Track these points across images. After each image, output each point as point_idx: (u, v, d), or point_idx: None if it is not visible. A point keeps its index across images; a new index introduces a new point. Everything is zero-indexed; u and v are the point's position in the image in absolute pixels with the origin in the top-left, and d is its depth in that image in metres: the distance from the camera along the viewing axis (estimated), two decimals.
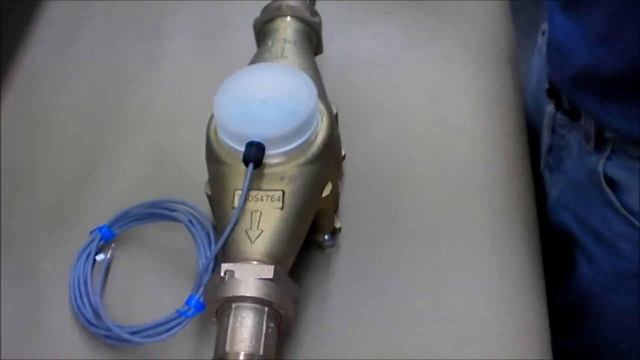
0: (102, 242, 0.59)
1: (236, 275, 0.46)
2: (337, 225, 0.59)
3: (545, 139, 0.74)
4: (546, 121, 0.73)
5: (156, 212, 0.59)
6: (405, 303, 0.57)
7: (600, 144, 0.63)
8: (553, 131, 0.72)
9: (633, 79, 0.55)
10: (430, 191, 0.63)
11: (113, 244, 0.60)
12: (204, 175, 0.54)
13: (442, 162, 0.65)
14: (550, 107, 0.71)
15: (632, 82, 0.55)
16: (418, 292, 0.57)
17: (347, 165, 0.64)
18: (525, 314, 0.57)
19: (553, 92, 0.69)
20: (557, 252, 0.73)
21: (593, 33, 0.57)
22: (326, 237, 0.59)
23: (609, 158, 0.63)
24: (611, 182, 0.65)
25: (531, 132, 0.71)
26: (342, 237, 0.60)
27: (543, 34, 0.74)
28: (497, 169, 0.65)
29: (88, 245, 0.59)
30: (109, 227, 0.59)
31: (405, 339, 0.55)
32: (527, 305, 0.58)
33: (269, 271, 0.46)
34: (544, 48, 0.69)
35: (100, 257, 0.59)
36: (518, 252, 0.60)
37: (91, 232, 0.60)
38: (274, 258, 0.48)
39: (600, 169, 0.64)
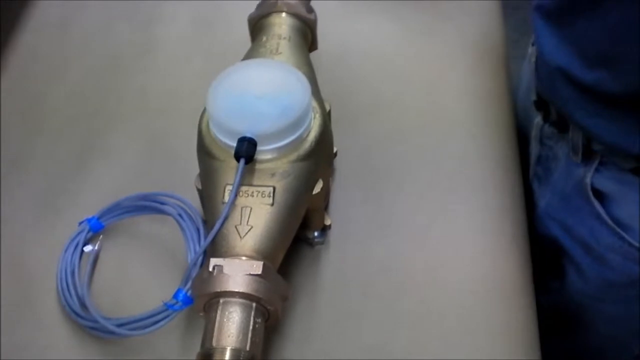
0: (90, 234, 0.59)
1: (224, 271, 0.46)
2: (327, 222, 0.59)
3: (534, 149, 0.74)
4: (534, 132, 0.73)
5: (146, 205, 0.59)
6: (394, 300, 0.57)
7: (587, 156, 0.63)
8: (541, 142, 0.72)
9: (630, 97, 0.55)
10: (422, 189, 0.64)
11: (101, 236, 0.60)
12: (196, 167, 0.54)
13: (434, 160, 0.65)
14: (538, 119, 0.71)
15: (628, 100, 0.55)
16: (407, 289, 0.58)
17: (338, 162, 0.64)
18: (514, 313, 0.57)
19: (541, 104, 0.69)
20: (546, 262, 0.74)
21: (590, 53, 0.56)
22: (316, 234, 0.59)
23: (596, 170, 0.63)
24: (599, 194, 0.65)
25: (520, 142, 0.71)
26: (332, 234, 0.60)
27: (533, 44, 0.73)
28: (489, 167, 0.66)
29: (76, 236, 0.59)
30: (98, 218, 0.59)
31: (394, 336, 0.55)
32: (516, 304, 0.58)
33: (257, 267, 0.46)
34: (533, 59, 0.69)
35: (88, 248, 0.58)
36: (508, 250, 0.61)
37: (80, 223, 0.59)
38: (263, 254, 0.48)
39: (587, 180, 0.64)
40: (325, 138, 0.53)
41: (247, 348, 0.44)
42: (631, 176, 0.61)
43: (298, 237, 0.56)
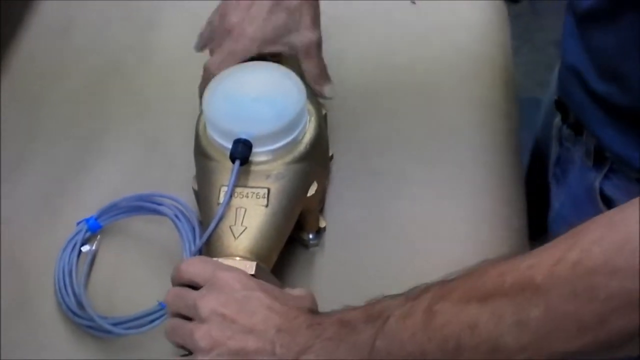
0: (88, 234, 0.60)
1: None
2: (322, 224, 0.59)
3: (554, 150, 0.74)
4: (554, 132, 0.73)
5: (143, 206, 0.60)
6: None
7: (599, 161, 0.64)
8: (560, 143, 0.72)
9: (638, 112, 0.55)
10: (417, 193, 0.64)
11: (99, 236, 0.60)
12: (193, 169, 0.54)
13: (430, 165, 0.66)
14: (557, 119, 0.72)
15: (636, 115, 0.56)
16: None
17: (334, 165, 0.64)
18: None
19: (560, 105, 0.70)
20: None
21: (602, 64, 0.57)
22: (311, 236, 0.59)
23: (606, 177, 0.63)
24: (608, 201, 0.65)
25: (544, 141, 0.70)
26: (327, 237, 0.60)
27: None
28: (485, 173, 0.66)
29: (74, 236, 0.59)
30: (96, 218, 0.60)
31: None
32: None
33: (250, 267, 0.47)
34: None
35: (85, 248, 0.59)
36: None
37: (78, 223, 0.60)
38: (256, 254, 0.48)
39: (597, 185, 0.65)
40: (320, 141, 0.54)
41: None
42: (639, 186, 0.61)
43: (293, 239, 0.57)
